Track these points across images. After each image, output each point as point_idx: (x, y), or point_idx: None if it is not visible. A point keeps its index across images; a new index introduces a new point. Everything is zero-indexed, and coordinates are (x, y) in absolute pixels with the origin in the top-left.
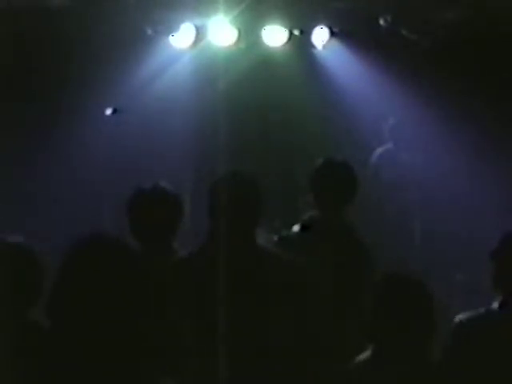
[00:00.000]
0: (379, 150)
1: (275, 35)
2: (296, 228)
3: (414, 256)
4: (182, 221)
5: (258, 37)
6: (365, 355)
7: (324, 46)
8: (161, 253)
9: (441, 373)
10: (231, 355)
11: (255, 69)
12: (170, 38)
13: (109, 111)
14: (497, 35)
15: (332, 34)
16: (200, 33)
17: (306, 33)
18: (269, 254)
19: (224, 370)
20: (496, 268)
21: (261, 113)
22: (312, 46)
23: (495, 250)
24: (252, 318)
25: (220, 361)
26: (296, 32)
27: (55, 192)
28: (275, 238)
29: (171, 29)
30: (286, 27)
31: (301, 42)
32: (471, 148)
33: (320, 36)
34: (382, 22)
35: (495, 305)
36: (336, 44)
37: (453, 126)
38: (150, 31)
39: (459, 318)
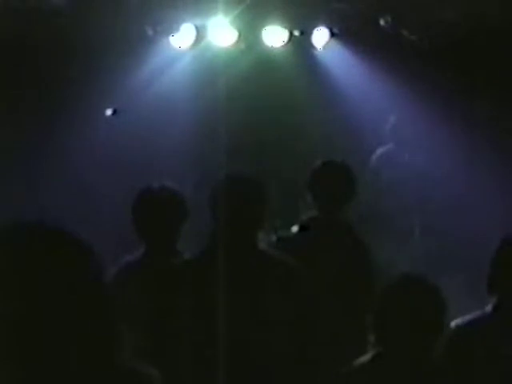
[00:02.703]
0: (380, 150)
1: (275, 36)
2: (295, 228)
3: (413, 256)
4: (187, 222)
5: (258, 37)
6: (367, 356)
7: (324, 47)
8: (164, 254)
9: (443, 375)
10: (231, 356)
11: (255, 69)
12: (170, 38)
13: (109, 112)
14: (497, 35)
15: (332, 34)
16: (200, 33)
17: (306, 33)
18: (270, 257)
19: (223, 371)
20: (492, 270)
21: (261, 113)
22: (312, 46)
23: (494, 252)
24: (252, 320)
25: (220, 362)
26: (296, 33)
27: (56, 192)
28: (273, 238)
29: (171, 29)
30: (285, 28)
31: (301, 43)
32: (471, 148)
33: (320, 37)
34: (382, 22)
35: (489, 307)
36: (336, 45)
37: (453, 125)
38: (150, 31)
39: (456, 322)
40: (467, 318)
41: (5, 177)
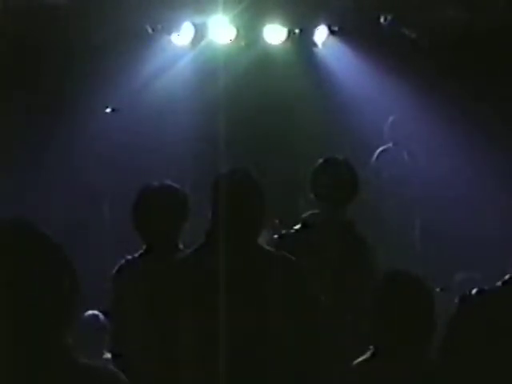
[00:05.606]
0: (380, 149)
1: (275, 33)
2: (296, 226)
3: (414, 255)
4: (188, 220)
5: (258, 35)
6: (365, 355)
7: (323, 44)
8: (165, 252)
9: (441, 367)
10: (231, 354)
11: (255, 67)
12: (172, 36)
13: (108, 109)
14: (497, 34)
15: (331, 32)
16: (200, 31)
17: (305, 31)
18: (269, 254)
19: (224, 369)
20: None
21: (261, 110)
22: (312, 44)
23: None
24: (252, 317)
25: (220, 360)
26: (296, 30)
27: (57, 191)
28: (276, 236)
29: (172, 27)
30: (285, 25)
31: (300, 40)
32: (471, 147)
33: (319, 34)
34: (382, 20)
35: (499, 283)
36: (335, 42)
37: (453, 124)
38: (150, 30)
39: (461, 294)
40: (475, 289)
41: (5, 176)
